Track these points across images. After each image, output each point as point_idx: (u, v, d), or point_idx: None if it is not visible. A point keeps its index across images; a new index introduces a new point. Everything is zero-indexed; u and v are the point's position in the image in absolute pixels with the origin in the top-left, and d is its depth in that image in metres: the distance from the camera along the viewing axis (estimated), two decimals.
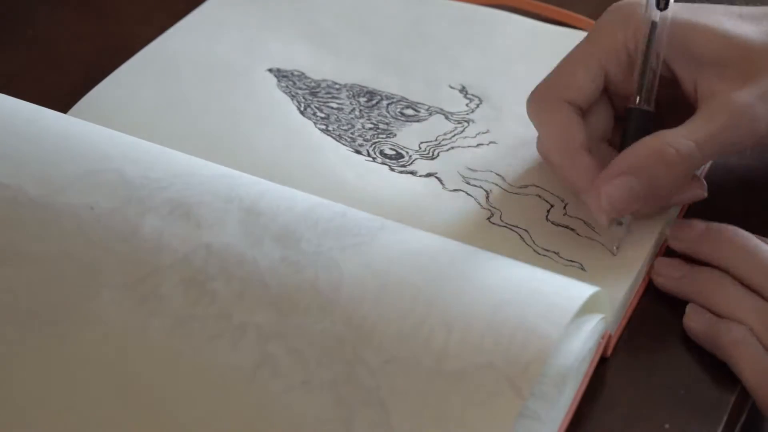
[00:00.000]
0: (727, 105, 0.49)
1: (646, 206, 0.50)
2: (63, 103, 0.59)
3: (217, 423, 0.42)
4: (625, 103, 0.52)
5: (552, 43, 0.63)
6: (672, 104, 0.53)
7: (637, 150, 0.49)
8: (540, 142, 0.53)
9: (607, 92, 0.53)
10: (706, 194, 0.52)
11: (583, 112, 0.52)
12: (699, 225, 0.50)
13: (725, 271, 0.48)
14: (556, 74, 0.53)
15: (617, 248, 0.51)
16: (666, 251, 0.52)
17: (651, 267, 0.51)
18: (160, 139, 0.52)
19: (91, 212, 0.47)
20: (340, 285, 0.43)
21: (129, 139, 0.50)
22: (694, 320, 0.48)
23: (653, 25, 0.50)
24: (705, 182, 0.52)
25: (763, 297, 0.47)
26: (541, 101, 0.52)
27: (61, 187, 0.47)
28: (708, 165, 0.56)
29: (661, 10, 0.51)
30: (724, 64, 0.50)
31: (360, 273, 0.44)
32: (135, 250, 0.46)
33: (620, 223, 0.50)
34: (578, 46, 0.53)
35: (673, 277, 0.49)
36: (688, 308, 0.48)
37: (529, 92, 0.54)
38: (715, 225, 0.50)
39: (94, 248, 0.46)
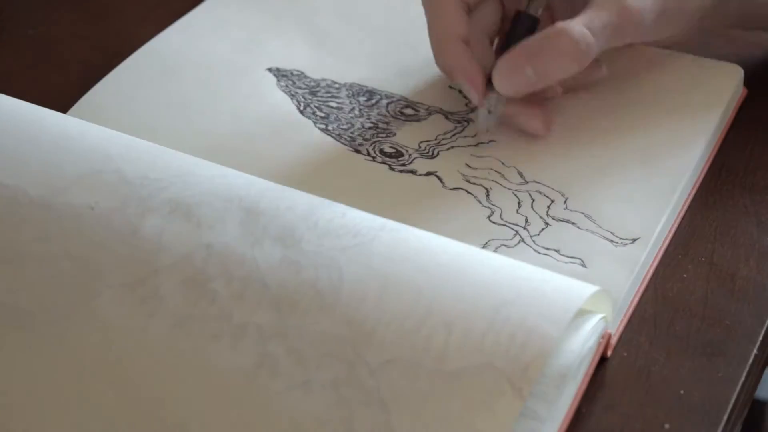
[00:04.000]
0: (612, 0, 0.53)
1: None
2: (63, 103, 0.59)
3: (217, 423, 0.42)
4: (513, 4, 0.57)
5: None
6: (567, 7, 0.57)
7: (535, 38, 0.53)
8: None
9: None
10: (546, 134, 0.56)
11: (471, 8, 0.57)
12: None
13: None
14: None
15: (487, 132, 0.56)
16: (667, 249, 0.52)
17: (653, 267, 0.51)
18: (160, 139, 0.52)
19: (91, 212, 0.47)
20: (340, 285, 0.43)
21: (129, 139, 0.50)
22: None
23: None
24: (549, 122, 0.56)
25: None
26: None
27: (61, 187, 0.47)
28: (708, 162, 0.57)
29: None
30: None
31: (360, 273, 0.44)
32: (135, 250, 0.46)
33: (489, 111, 0.55)
34: None
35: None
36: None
37: None
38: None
39: (94, 248, 0.46)
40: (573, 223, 0.52)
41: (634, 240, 0.50)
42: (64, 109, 0.58)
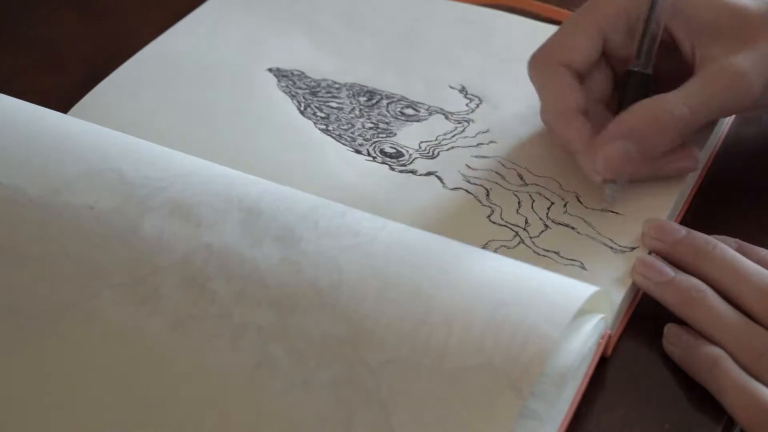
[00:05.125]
0: (722, 70, 0.50)
1: (639, 170, 0.52)
2: (63, 103, 0.59)
3: (216, 423, 0.42)
4: (624, 67, 0.54)
5: None
6: (672, 69, 0.54)
7: (634, 113, 0.51)
8: (541, 107, 0.55)
9: (606, 57, 0.54)
10: (696, 167, 0.53)
11: (582, 76, 0.54)
12: (678, 229, 0.50)
13: (705, 282, 0.48)
14: (555, 38, 0.54)
15: (611, 202, 0.52)
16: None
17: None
18: (160, 139, 0.52)
19: (91, 212, 0.47)
20: (340, 285, 0.43)
21: (129, 139, 0.50)
22: (672, 342, 0.47)
23: None
24: (698, 156, 0.53)
25: (744, 311, 0.46)
26: (540, 65, 0.54)
27: (61, 187, 0.47)
28: (709, 161, 0.57)
29: None
30: (721, 30, 0.51)
31: (360, 273, 0.43)
32: (135, 250, 0.45)
33: (613, 181, 0.52)
34: (578, 12, 0.54)
35: (653, 281, 0.48)
36: (666, 329, 0.48)
37: (530, 92, 0.55)
38: (696, 235, 0.49)
39: (94, 248, 0.46)
40: (572, 228, 0.52)
41: (633, 249, 0.50)
42: (64, 109, 0.58)
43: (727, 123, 0.59)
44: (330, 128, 0.58)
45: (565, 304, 0.42)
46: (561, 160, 0.55)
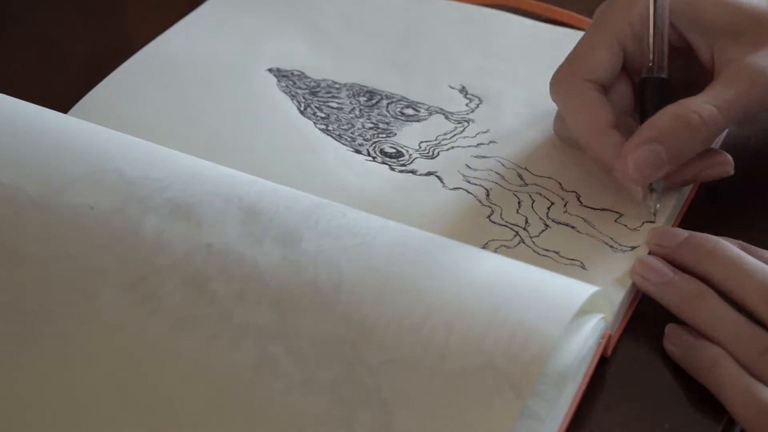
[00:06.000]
0: (743, 70, 0.50)
1: (674, 176, 0.51)
2: (63, 103, 0.59)
3: (217, 423, 0.42)
4: (638, 74, 0.53)
5: (552, 43, 0.63)
6: (689, 78, 0.54)
7: (662, 117, 0.50)
8: (558, 123, 0.54)
9: (625, 68, 0.54)
10: (732, 171, 0.52)
11: (606, 90, 0.53)
12: (680, 233, 0.50)
13: (708, 282, 0.48)
14: (575, 55, 0.53)
15: (655, 214, 0.52)
16: None
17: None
18: (160, 139, 0.52)
19: (91, 212, 0.47)
20: (340, 285, 0.43)
21: (129, 139, 0.50)
22: (672, 342, 0.47)
23: None
24: (731, 159, 0.52)
25: (748, 309, 0.46)
26: (564, 83, 0.53)
27: (61, 187, 0.47)
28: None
29: None
30: (738, 32, 0.51)
31: (360, 273, 0.44)
32: (135, 250, 0.46)
33: (653, 190, 0.51)
34: (593, 26, 0.54)
35: (652, 281, 0.49)
36: (667, 329, 0.47)
37: (529, 91, 0.54)
38: (698, 235, 0.49)
39: (94, 248, 0.46)
40: (572, 227, 0.52)
41: (633, 248, 0.50)
42: (64, 109, 0.58)
43: None
44: (330, 128, 0.58)
45: (565, 304, 0.42)
46: (561, 159, 0.55)
